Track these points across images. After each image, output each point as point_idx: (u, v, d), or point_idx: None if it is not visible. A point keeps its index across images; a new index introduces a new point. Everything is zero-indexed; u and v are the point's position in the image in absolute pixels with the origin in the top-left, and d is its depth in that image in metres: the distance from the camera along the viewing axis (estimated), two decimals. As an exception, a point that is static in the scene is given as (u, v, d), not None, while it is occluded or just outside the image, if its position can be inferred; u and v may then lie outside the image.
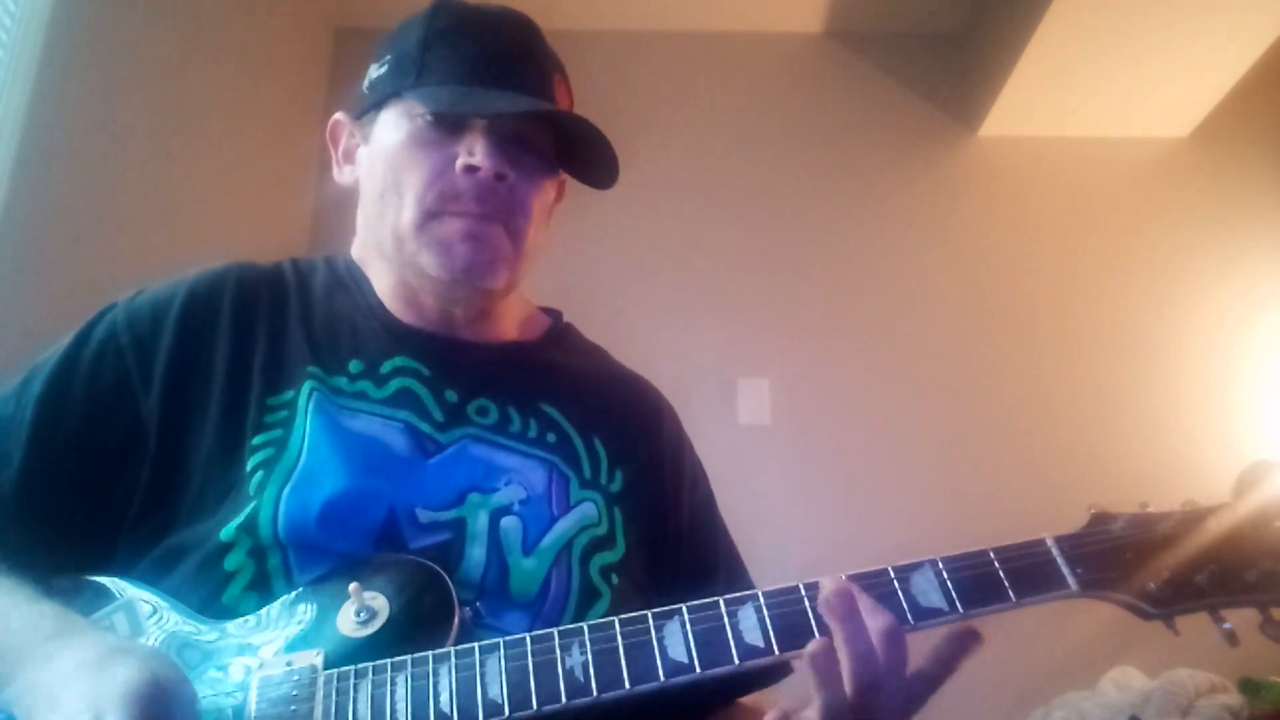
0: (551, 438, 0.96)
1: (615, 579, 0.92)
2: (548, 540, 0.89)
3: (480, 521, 0.87)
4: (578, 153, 0.99)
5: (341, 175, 1.05)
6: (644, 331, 2.63)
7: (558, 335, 1.10)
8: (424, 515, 0.85)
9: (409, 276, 0.96)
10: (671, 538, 1.00)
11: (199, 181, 2.19)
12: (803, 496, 2.56)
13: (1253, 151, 2.86)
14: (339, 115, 1.05)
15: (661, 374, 1.15)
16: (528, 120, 0.95)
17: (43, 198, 1.65)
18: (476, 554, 0.85)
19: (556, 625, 0.83)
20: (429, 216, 0.92)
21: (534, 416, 0.96)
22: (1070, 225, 2.83)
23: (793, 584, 0.71)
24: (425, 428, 0.90)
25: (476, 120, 0.93)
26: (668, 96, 2.96)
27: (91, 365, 0.89)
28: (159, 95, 2.04)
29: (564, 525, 0.90)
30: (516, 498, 0.89)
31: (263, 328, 0.93)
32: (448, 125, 0.93)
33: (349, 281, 1.01)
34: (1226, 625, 0.70)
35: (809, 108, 2.97)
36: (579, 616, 0.87)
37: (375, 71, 1.00)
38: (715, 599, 0.71)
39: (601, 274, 2.69)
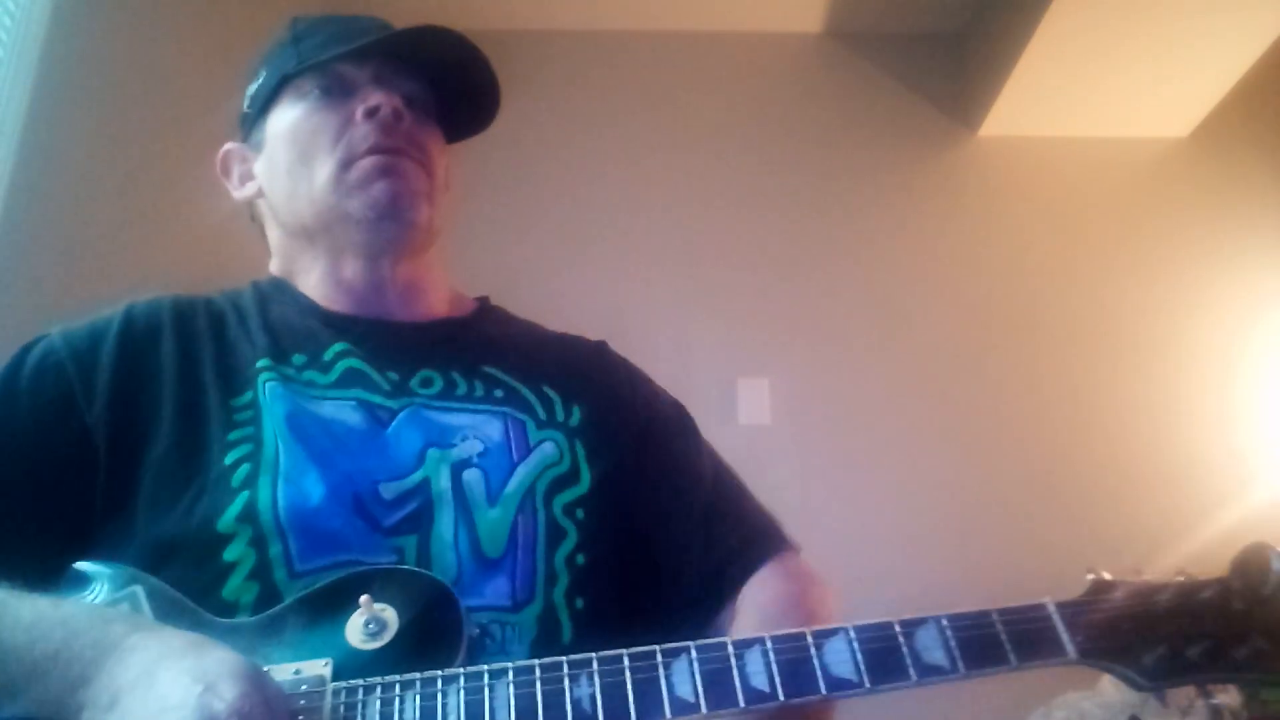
0: (499, 393, 0.97)
1: (581, 514, 0.92)
2: (511, 486, 0.90)
3: (443, 479, 0.88)
4: (457, 101, 1.05)
5: (241, 190, 1.09)
6: (644, 331, 2.63)
7: (488, 311, 1.13)
8: (388, 489, 0.87)
9: (334, 240, 1.00)
10: (645, 471, 0.99)
11: (198, 180, 2.18)
12: (803, 497, 2.56)
13: (1253, 151, 2.86)
14: (227, 146, 1.09)
15: (661, 374, 1.15)
16: (411, 77, 1.02)
17: (42, 198, 1.64)
18: (445, 520, 0.86)
19: (531, 570, 0.87)
20: (342, 167, 0.97)
21: (478, 379, 0.98)
22: (1070, 225, 2.83)
23: (800, 630, 0.72)
24: (376, 399, 0.93)
25: (362, 80, 1.00)
26: (668, 96, 2.96)
27: (32, 382, 0.91)
28: (159, 94, 2.04)
29: (525, 470, 0.92)
30: (474, 451, 0.91)
31: (206, 343, 0.96)
32: (338, 90, 1.00)
33: (275, 293, 1.04)
34: (1215, 700, 0.74)
35: (809, 108, 2.97)
36: (549, 557, 0.88)
37: (252, 86, 1.07)
38: (723, 639, 0.72)
39: (601, 274, 2.69)
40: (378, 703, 0.69)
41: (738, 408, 2.63)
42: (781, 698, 0.69)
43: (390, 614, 0.75)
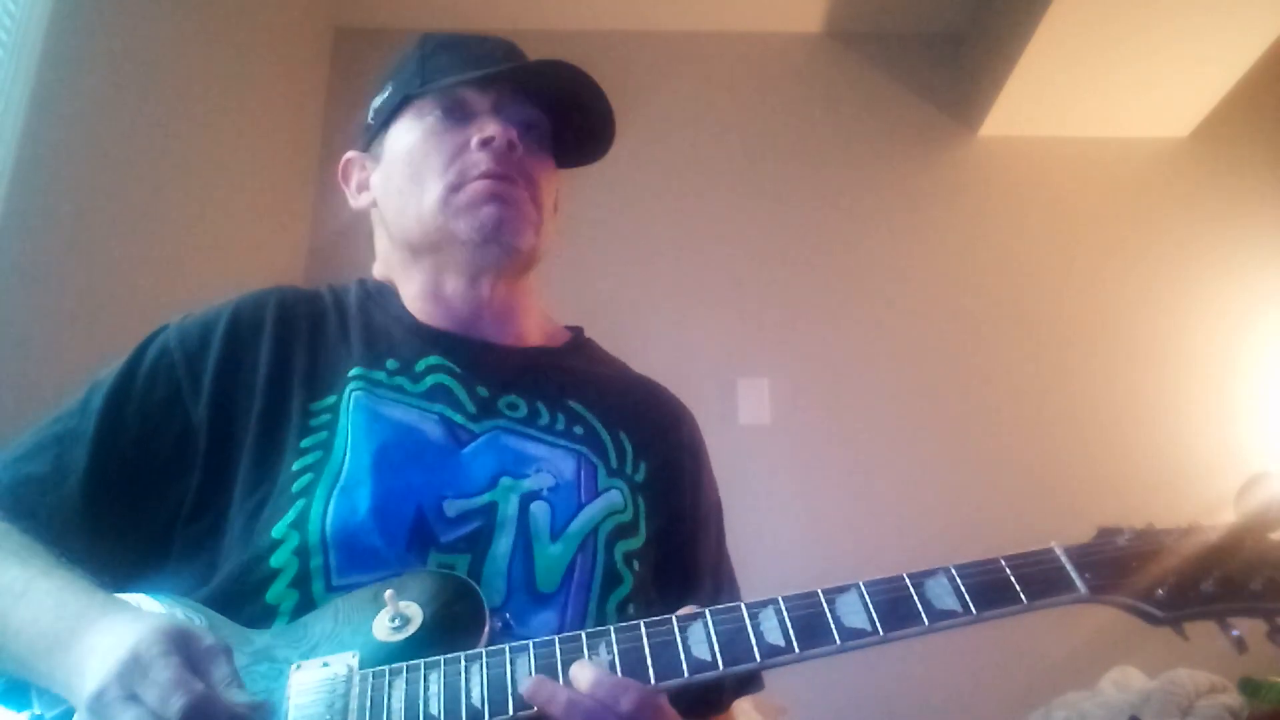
0: (579, 430, 1.00)
1: (636, 565, 0.95)
2: (575, 525, 0.92)
3: (511, 506, 0.90)
4: (574, 132, 1.07)
5: (357, 200, 1.11)
6: (644, 331, 2.63)
7: (580, 345, 1.15)
8: (453, 507, 0.89)
9: (438, 258, 1.02)
10: (686, 533, 1.04)
11: (199, 180, 2.19)
12: (803, 497, 2.56)
13: (1253, 151, 2.86)
14: (349, 154, 1.11)
15: (661, 374, 1.15)
16: (530, 105, 1.04)
17: (42, 198, 1.64)
18: (504, 543, 0.88)
19: (582, 611, 0.88)
20: (451, 190, 0.99)
21: (562, 411, 1.00)
22: (1070, 225, 2.83)
23: (812, 590, 0.74)
24: (459, 419, 0.95)
25: (482, 107, 1.02)
26: (668, 96, 2.96)
27: (146, 379, 0.95)
28: (159, 95, 2.04)
29: (591, 511, 0.94)
30: (546, 484, 0.94)
31: (302, 341, 0.99)
32: (458, 115, 1.02)
33: (378, 296, 1.07)
34: (1235, 632, 0.72)
35: (809, 108, 2.97)
36: (602, 601, 0.91)
37: (378, 99, 1.09)
38: (737, 604, 0.74)
39: (602, 274, 2.69)
40: (404, 683, 0.72)
41: (738, 408, 2.64)
42: (797, 650, 0.71)
43: (414, 609, 0.78)
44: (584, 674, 0.69)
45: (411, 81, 1.04)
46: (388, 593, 0.77)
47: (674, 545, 1.01)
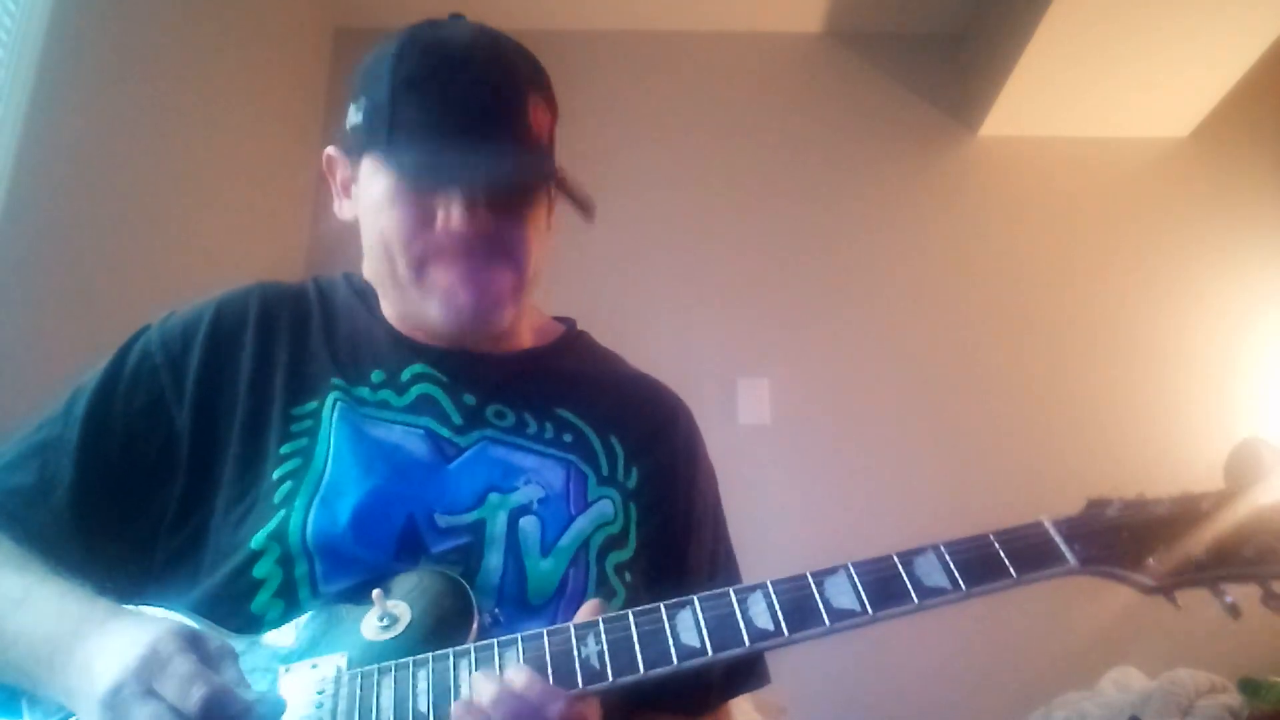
0: (568, 438, 0.97)
1: (628, 576, 0.94)
2: (566, 539, 0.91)
3: (499, 523, 0.89)
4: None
5: (342, 210, 1.03)
6: (644, 332, 2.63)
7: (571, 341, 1.11)
8: (443, 520, 0.88)
9: (419, 316, 0.97)
10: (679, 536, 1.02)
11: (199, 180, 2.19)
12: (803, 496, 2.56)
13: (1253, 151, 2.86)
14: (330, 151, 1.03)
15: (661, 374, 1.15)
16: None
17: (42, 198, 1.65)
18: (494, 559, 0.87)
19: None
20: (418, 267, 0.92)
21: (550, 420, 0.98)
22: (1070, 225, 2.83)
23: (800, 573, 0.74)
24: (445, 432, 0.93)
25: (451, 170, 0.92)
26: (668, 96, 2.97)
27: (129, 384, 0.93)
28: (159, 95, 2.04)
29: (581, 523, 0.92)
30: (535, 497, 0.92)
31: (285, 343, 0.97)
32: (425, 179, 0.92)
33: (365, 298, 1.03)
34: (1229, 599, 0.71)
35: (809, 108, 2.97)
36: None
37: (354, 116, 0.97)
38: (725, 589, 0.73)
39: (602, 274, 2.69)
40: (393, 681, 0.71)
41: (738, 408, 2.64)
42: (786, 634, 0.70)
43: (403, 608, 0.78)
44: (517, 678, 0.68)
45: (379, 128, 0.92)
46: (375, 592, 0.77)
47: (665, 549, 0.99)
